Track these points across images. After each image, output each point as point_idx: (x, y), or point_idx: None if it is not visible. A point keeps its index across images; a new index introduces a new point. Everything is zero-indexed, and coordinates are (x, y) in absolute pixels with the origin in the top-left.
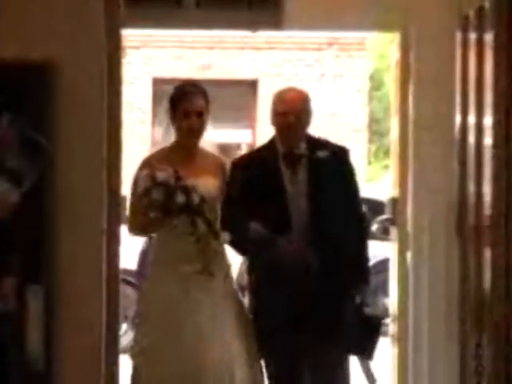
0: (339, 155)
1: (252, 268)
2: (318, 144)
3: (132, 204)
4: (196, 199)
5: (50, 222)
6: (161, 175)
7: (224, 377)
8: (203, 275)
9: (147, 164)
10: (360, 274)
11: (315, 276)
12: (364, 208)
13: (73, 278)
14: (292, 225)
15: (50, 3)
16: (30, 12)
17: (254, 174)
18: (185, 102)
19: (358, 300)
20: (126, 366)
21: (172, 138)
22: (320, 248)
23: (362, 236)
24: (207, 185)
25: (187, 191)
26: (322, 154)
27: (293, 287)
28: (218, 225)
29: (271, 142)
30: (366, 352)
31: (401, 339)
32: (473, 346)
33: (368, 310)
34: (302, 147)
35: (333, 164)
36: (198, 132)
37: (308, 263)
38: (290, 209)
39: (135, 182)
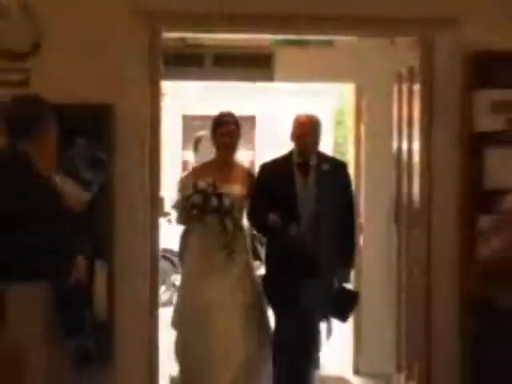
0: (339, 167)
1: (267, 247)
2: (324, 158)
3: (180, 203)
4: (227, 203)
5: (112, 216)
6: (201, 184)
7: (230, 344)
8: (228, 258)
9: (194, 172)
10: (349, 259)
11: (316, 258)
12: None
13: (127, 255)
14: (300, 219)
15: (114, 65)
16: (96, 70)
17: (274, 176)
18: (220, 127)
19: (342, 278)
20: (164, 315)
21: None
22: (321, 238)
23: (353, 230)
24: (237, 191)
25: (220, 197)
26: (326, 166)
27: (297, 266)
28: (242, 221)
29: (289, 154)
30: (344, 316)
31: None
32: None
33: (349, 286)
34: (313, 160)
35: (333, 174)
36: (230, 149)
37: (310, 248)
38: (299, 207)
39: (183, 187)
